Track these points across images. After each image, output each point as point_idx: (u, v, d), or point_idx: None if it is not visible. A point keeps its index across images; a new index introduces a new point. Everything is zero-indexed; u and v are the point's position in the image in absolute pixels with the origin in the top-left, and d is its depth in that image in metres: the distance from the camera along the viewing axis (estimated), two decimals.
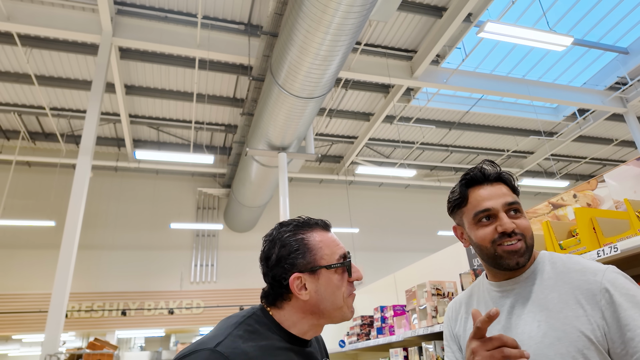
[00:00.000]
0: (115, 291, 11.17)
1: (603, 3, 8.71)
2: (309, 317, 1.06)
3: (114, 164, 11.53)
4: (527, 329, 1.08)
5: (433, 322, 2.55)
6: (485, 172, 1.20)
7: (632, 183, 2.12)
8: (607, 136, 13.39)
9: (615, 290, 1.00)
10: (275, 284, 1.06)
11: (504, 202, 1.15)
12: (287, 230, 1.09)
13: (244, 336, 0.98)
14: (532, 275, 1.15)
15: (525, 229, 1.14)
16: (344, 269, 1.08)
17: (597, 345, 0.98)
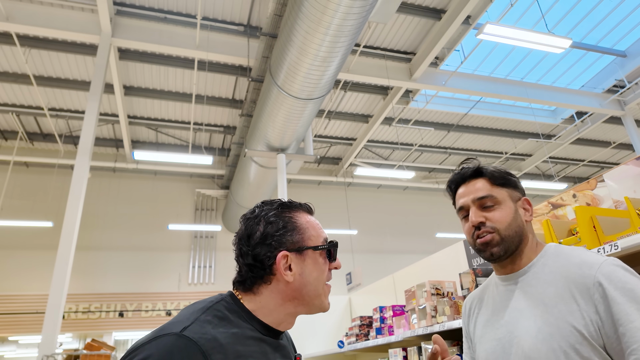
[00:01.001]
0: (113, 292, 11.13)
1: (601, 6, 8.75)
2: (288, 303, 0.99)
3: (112, 164, 11.51)
4: (525, 324, 1.08)
5: (432, 322, 2.54)
6: (463, 172, 1.26)
7: (631, 183, 2.12)
8: (605, 139, 13.43)
9: (609, 283, 0.98)
10: (257, 265, 0.97)
11: (474, 198, 1.19)
12: (272, 209, 1.03)
13: (213, 322, 0.89)
14: (534, 269, 1.15)
15: (497, 221, 1.16)
16: (326, 254, 1.04)
17: (590, 341, 0.97)
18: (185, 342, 0.82)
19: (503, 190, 1.20)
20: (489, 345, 1.17)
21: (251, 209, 1.06)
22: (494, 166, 1.25)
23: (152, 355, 0.79)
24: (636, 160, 2.12)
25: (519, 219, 1.18)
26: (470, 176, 1.24)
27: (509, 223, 1.16)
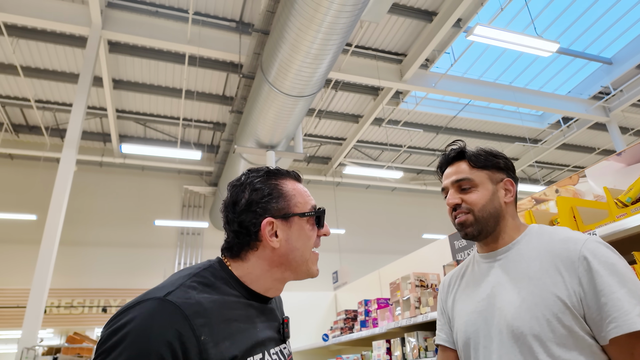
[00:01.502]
0: (97, 288, 11.00)
1: (589, 13, 8.92)
2: (275, 269, 1.00)
3: (99, 159, 11.38)
4: (508, 296, 1.12)
5: (416, 313, 2.57)
6: (447, 155, 1.32)
7: (612, 178, 2.17)
8: (590, 145, 13.67)
9: (593, 258, 1.03)
10: (243, 232, 0.98)
11: (453, 180, 1.26)
12: (259, 176, 1.03)
13: (197, 288, 0.89)
14: (518, 246, 1.19)
15: (472, 203, 1.21)
16: (314, 221, 1.04)
17: (572, 310, 1.01)
18: (167, 306, 0.82)
19: (483, 172, 1.24)
20: (468, 318, 1.21)
21: (238, 177, 1.06)
22: (480, 148, 1.28)
23: (135, 318, 0.80)
24: (617, 156, 2.17)
25: (496, 200, 1.22)
26: (454, 158, 1.29)
27: (484, 205, 1.20)
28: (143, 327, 0.79)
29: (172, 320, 0.81)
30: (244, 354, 0.87)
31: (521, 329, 1.05)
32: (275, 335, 1.01)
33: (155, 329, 0.79)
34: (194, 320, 0.82)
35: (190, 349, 0.80)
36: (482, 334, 1.15)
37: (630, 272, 1.02)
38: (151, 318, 0.80)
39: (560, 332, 1.01)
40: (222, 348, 0.84)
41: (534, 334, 1.03)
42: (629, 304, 0.95)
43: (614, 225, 1.54)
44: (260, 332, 0.95)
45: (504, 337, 1.09)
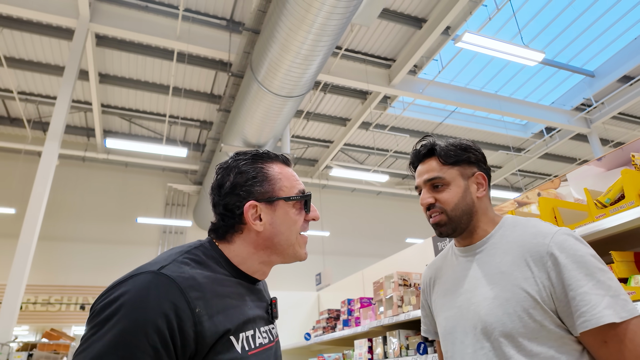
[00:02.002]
0: (75, 285, 10.79)
1: (574, 26, 9.13)
2: (261, 252, 1.00)
3: (82, 153, 11.19)
4: (482, 291, 1.13)
5: (398, 312, 2.59)
6: (418, 152, 1.31)
7: (592, 181, 2.23)
8: (571, 155, 13.96)
9: (561, 252, 1.03)
10: (227, 214, 0.98)
11: (425, 179, 1.25)
12: (245, 159, 1.03)
13: (190, 264, 0.90)
14: (492, 240, 1.20)
15: (445, 201, 1.21)
16: (302, 205, 1.04)
17: (542, 305, 1.02)
18: (162, 279, 0.82)
19: (454, 169, 1.23)
20: (448, 313, 1.22)
21: (225, 160, 1.06)
22: (450, 143, 1.27)
23: (129, 291, 0.79)
24: (597, 161, 2.23)
25: (468, 197, 1.22)
26: (425, 155, 1.29)
27: (456, 203, 1.20)
28: (138, 298, 0.78)
29: (167, 292, 0.80)
30: (236, 329, 0.88)
31: (493, 325, 1.06)
32: (264, 315, 1.01)
33: (151, 300, 0.78)
34: (189, 293, 0.82)
35: (185, 320, 0.80)
36: (459, 329, 1.17)
37: (598, 262, 1.03)
38: (146, 290, 0.80)
39: (531, 327, 1.02)
40: (216, 321, 0.84)
41: (505, 330, 1.04)
42: (596, 297, 0.96)
43: (593, 225, 1.58)
44: (251, 310, 0.96)
45: (478, 332, 1.10)
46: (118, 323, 0.75)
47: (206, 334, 0.81)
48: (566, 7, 8.61)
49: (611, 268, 1.50)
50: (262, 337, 0.95)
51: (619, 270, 1.49)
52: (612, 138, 12.70)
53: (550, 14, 8.84)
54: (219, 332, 0.84)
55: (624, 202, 1.54)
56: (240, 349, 0.87)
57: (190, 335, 0.80)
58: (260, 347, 0.93)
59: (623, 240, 1.74)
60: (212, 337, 0.82)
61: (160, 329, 0.76)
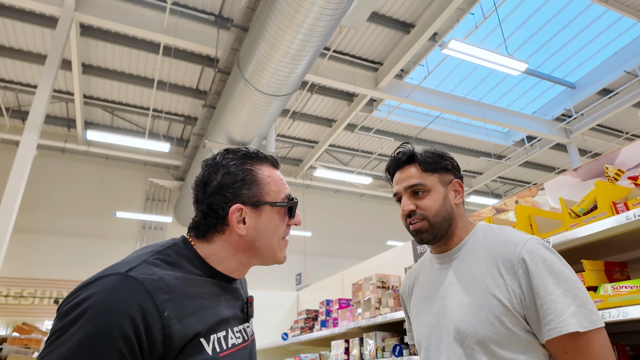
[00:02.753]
0: (49, 278, 10.56)
1: (558, 38, 9.34)
2: (240, 254, 0.98)
3: (62, 145, 10.95)
4: (456, 298, 1.14)
5: (376, 314, 2.61)
6: (397, 158, 1.30)
7: (568, 191, 2.29)
8: (550, 164, 14.26)
9: (532, 260, 1.06)
10: (211, 214, 0.95)
11: (406, 186, 1.25)
12: (235, 158, 1.00)
13: (160, 265, 0.87)
14: (466, 247, 1.22)
15: (426, 208, 1.22)
16: (286, 211, 1.02)
17: (513, 312, 1.04)
18: (130, 281, 0.81)
19: (434, 176, 1.25)
20: (424, 320, 1.24)
21: (213, 155, 1.03)
22: (427, 150, 1.29)
23: (96, 293, 0.78)
24: (573, 171, 2.29)
25: (448, 203, 1.24)
26: (404, 162, 1.29)
27: (438, 210, 1.22)
28: (104, 301, 0.77)
29: (134, 295, 0.79)
30: (207, 331, 0.87)
31: (467, 332, 1.07)
32: (239, 314, 1.00)
33: (117, 303, 0.77)
34: (157, 296, 0.81)
35: (152, 324, 0.78)
36: (434, 336, 1.18)
37: (567, 271, 1.05)
38: (113, 293, 0.78)
39: (503, 333, 1.03)
40: (185, 324, 0.83)
41: (477, 336, 1.05)
42: (562, 305, 0.99)
43: (566, 234, 1.63)
44: (224, 310, 0.94)
45: (452, 339, 1.11)
46: (83, 327, 0.74)
47: (175, 337, 0.80)
48: (550, 19, 8.80)
49: (582, 276, 1.55)
50: (235, 338, 0.94)
51: (589, 278, 1.53)
52: (590, 149, 13.02)
53: (534, 25, 9.03)
54: (189, 334, 0.82)
55: (596, 213, 1.59)
56: (211, 350, 0.85)
57: (158, 339, 0.78)
58: (233, 348, 0.92)
59: (594, 249, 1.79)
60: (181, 340, 0.81)
61: (126, 333, 0.75)
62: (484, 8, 7.94)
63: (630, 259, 1.81)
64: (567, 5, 8.54)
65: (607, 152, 2.12)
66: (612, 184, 1.67)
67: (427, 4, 8.03)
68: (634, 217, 1.42)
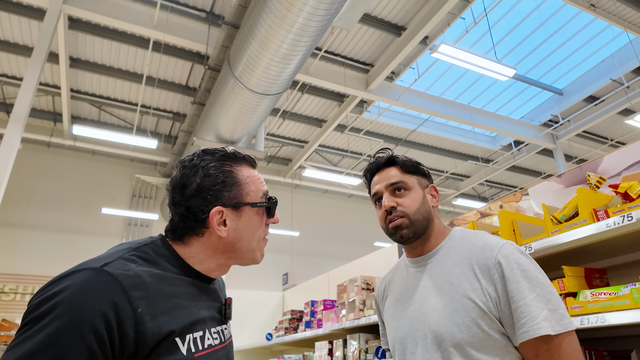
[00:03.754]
0: (31, 274, 10.39)
1: (546, 45, 9.46)
2: (219, 255, 0.98)
3: (47, 139, 10.79)
4: (432, 302, 1.15)
5: (360, 315, 2.62)
6: (377, 161, 1.34)
7: (551, 197, 2.31)
8: (537, 169, 14.44)
9: (507, 264, 1.08)
10: (189, 216, 0.94)
11: (387, 184, 1.28)
12: (213, 159, 0.98)
13: (137, 261, 0.86)
14: (442, 251, 1.24)
15: (407, 206, 1.24)
16: (265, 210, 1.02)
17: (489, 315, 1.06)
18: (104, 276, 0.79)
19: (413, 177, 1.29)
20: (399, 324, 1.24)
21: (190, 156, 1.00)
22: (404, 156, 1.34)
23: (68, 287, 0.77)
24: (557, 177, 2.32)
25: (426, 204, 1.27)
26: (384, 164, 1.33)
27: (418, 208, 1.24)
28: (76, 296, 0.76)
29: (108, 290, 0.78)
30: (182, 330, 0.86)
31: (443, 336, 1.08)
32: (216, 315, 0.99)
33: (89, 298, 0.76)
34: (132, 292, 0.80)
35: (125, 320, 0.77)
36: (409, 340, 1.18)
37: (541, 276, 1.08)
38: (86, 287, 0.77)
39: (479, 336, 1.05)
40: (159, 322, 0.82)
41: (454, 340, 1.07)
42: (536, 309, 1.01)
43: (548, 240, 1.65)
44: (201, 310, 0.93)
45: (428, 342, 1.12)
46: (52, 322, 0.73)
47: (147, 335, 0.79)
48: (539, 26, 8.91)
49: (562, 282, 1.57)
50: (212, 339, 0.93)
51: (569, 284, 1.55)
52: (576, 155, 13.22)
53: (524, 31, 9.13)
54: (162, 333, 0.81)
55: (577, 220, 1.61)
56: (185, 350, 0.84)
57: (130, 336, 0.77)
58: (209, 349, 0.91)
59: (575, 255, 1.81)
60: (153, 339, 0.80)
61: (97, 329, 0.74)
62: (475, 13, 8.01)
63: (610, 265, 1.83)
64: (556, 13, 8.66)
65: (592, 159, 2.16)
66: (594, 192, 1.69)
67: (418, 7, 8.07)
68: (614, 225, 1.44)
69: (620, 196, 1.57)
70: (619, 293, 1.38)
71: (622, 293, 1.37)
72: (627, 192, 1.52)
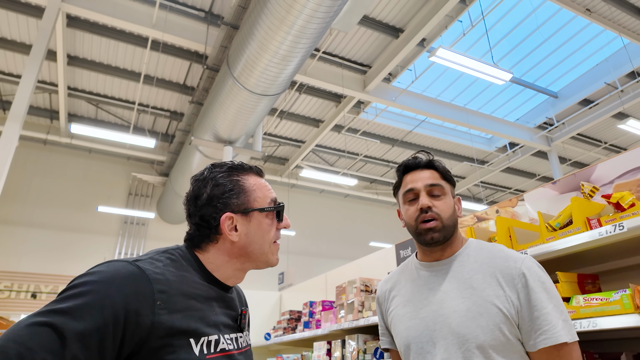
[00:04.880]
0: (27, 272, 10.38)
1: (542, 48, 9.55)
2: (234, 260, 1.04)
3: (44, 136, 10.76)
4: (452, 304, 1.21)
5: (358, 317, 2.67)
6: (417, 159, 1.37)
7: (546, 203, 2.38)
8: (531, 171, 14.56)
9: (530, 276, 1.17)
10: (203, 225, 1.02)
11: (426, 183, 1.31)
12: (221, 171, 1.07)
13: (164, 262, 0.95)
14: (460, 258, 1.29)
15: (441, 210, 1.28)
16: (274, 215, 1.09)
17: (511, 320, 1.14)
18: (133, 268, 0.89)
19: (448, 184, 1.35)
20: (411, 323, 1.28)
21: (201, 171, 1.10)
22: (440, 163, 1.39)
23: (101, 272, 0.86)
24: (552, 184, 2.39)
25: (455, 213, 1.33)
26: (424, 165, 1.36)
27: (451, 214, 1.30)
28: (106, 278, 0.85)
29: (134, 278, 0.87)
30: (195, 331, 0.91)
31: (467, 337, 1.14)
32: (231, 323, 1.04)
33: (116, 281, 0.84)
34: (155, 285, 0.88)
35: (144, 307, 0.85)
36: (424, 339, 1.23)
37: (555, 290, 1.17)
38: (115, 273, 0.86)
39: (500, 340, 1.12)
40: (174, 318, 0.88)
41: (478, 341, 1.13)
42: (556, 319, 1.10)
43: (543, 247, 1.71)
44: (216, 316, 0.99)
45: (449, 343, 1.17)
46: (80, 295, 0.81)
47: (161, 327, 0.85)
48: (535, 30, 9.00)
49: (557, 288, 1.63)
50: (226, 344, 0.97)
51: (563, 290, 1.61)
52: (570, 157, 13.34)
53: (520, 34, 9.21)
54: (174, 329, 0.87)
55: (571, 227, 1.67)
56: (198, 351, 0.89)
57: (146, 324, 0.84)
58: (221, 352, 0.95)
59: (568, 261, 1.88)
60: (164, 332, 0.86)
61: (116, 307, 0.81)
62: (472, 16, 8.08)
63: (601, 271, 1.90)
64: (552, 17, 8.75)
65: (586, 162, 2.22)
66: (587, 201, 1.75)
67: (416, 9, 8.13)
68: (607, 233, 1.50)
69: (612, 206, 1.63)
70: (610, 299, 1.45)
71: (613, 299, 1.44)
72: (619, 202, 1.58)
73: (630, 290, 1.40)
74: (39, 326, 0.75)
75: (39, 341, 0.74)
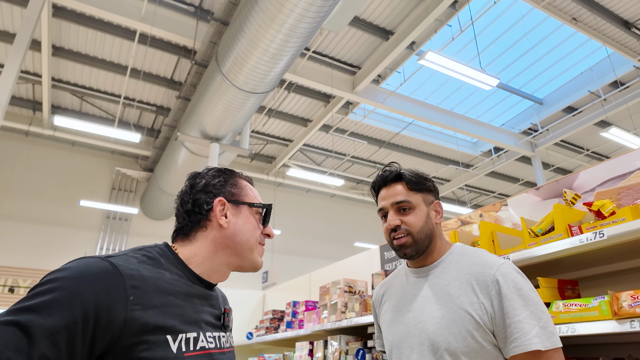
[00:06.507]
0: (5, 265, 10.15)
1: (528, 55, 9.69)
2: (220, 252, 1.04)
3: (26, 127, 10.53)
4: (430, 311, 1.22)
5: (341, 317, 2.68)
6: (384, 176, 1.38)
7: (529, 209, 2.41)
8: (515, 175, 14.77)
9: (504, 282, 1.16)
10: (195, 210, 1.05)
11: (393, 202, 1.32)
12: (217, 170, 1.15)
13: (141, 259, 0.93)
14: (443, 265, 1.31)
15: (411, 224, 1.29)
16: (261, 217, 1.14)
17: (484, 327, 1.14)
18: (106, 264, 0.87)
19: (418, 195, 1.34)
20: (396, 329, 1.30)
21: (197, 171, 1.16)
22: (412, 171, 1.38)
23: (72, 268, 0.84)
24: (535, 190, 2.42)
25: (430, 222, 1.33)
26: (391, 180, 1.36)
27: (421, 227, 1.30)
28: (76, 274, 0.83)
29: (106, 274, 0.85)
30: (172, 328, 0.88)
31: (440, 343, 1.15)
32: (214, 321, 1.02)
33: (87, 277, 0.83)
34: (128, 281, 0.86)
35: (115, 304, 0.83)
36: (405, 345, 1.25)
37: (534, 295, 1.16)
38: (86, 268, 0.84)
39: (473, 347, 1.13)
40: (149, 314, 0.86)
41: (450, 348, 1.14)
42: (529, 326, 1.09)
43: (525, 252, 1.73)
44: (197, 314, 0.97)
45: (425, 349, 1.18)
46: (50, 291, 0.79)
47: (135, 323, 0.84)
48: (523, 37, 9.13)
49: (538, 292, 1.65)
50: (206, 342, 0.95)
51: (543, 295, 1.64)
52: (553, 163, 13.57)
53: (508, 41, 9.34)
54: (149, 325, 0.85)
55: (553, 234, 1.70)
56: (175, 349, 0.87)
57: (118, 320, 0.82)
58: (201, 351, 0.93)
59: (550, 267, 1.91)
60: (139, 328, 0.84)
61: (86, 304, 0.80)
62: (462, 21, 8.15)
63: (581, 277, 1.94)
64: (539, 25, 8.88)
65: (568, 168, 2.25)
66: (569, 208, 1.78)
67: (407, 12, 8.18)
68: (587, 240, 1.53)
69: (593, 213, 1.66)
70: (589, 305, 1.47)
71: (592, 305, 1.46)
72: (600, 210, 1.61)
73: (609, 297, 1.43)
74: (5, 325, 0.74)
75: (3, 340, 0.72)
